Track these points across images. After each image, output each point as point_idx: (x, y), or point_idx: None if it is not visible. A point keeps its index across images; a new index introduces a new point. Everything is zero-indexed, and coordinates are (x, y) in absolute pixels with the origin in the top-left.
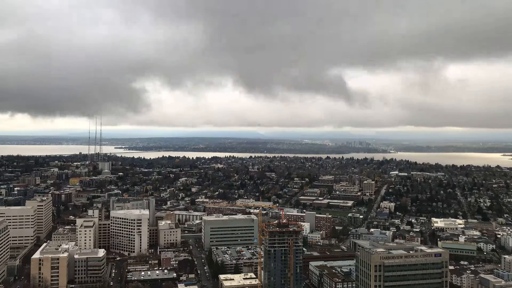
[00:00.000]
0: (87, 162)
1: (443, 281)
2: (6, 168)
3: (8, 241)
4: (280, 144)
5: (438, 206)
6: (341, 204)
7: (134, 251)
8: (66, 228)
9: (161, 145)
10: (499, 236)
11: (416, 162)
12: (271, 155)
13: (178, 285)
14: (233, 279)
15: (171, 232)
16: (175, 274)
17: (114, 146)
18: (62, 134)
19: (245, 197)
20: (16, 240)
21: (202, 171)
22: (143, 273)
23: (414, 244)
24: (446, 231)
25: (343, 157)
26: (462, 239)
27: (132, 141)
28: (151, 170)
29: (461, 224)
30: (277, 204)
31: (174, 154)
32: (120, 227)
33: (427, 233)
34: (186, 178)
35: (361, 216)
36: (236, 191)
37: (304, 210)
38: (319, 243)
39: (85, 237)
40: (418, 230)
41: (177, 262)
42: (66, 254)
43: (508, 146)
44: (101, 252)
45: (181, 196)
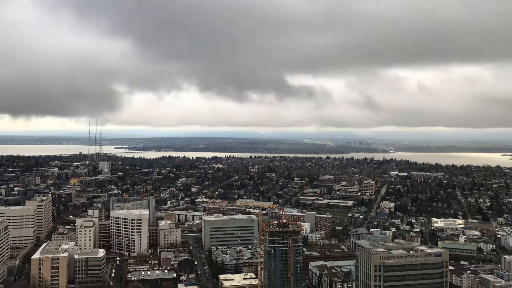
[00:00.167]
0: (87, 162)
1: (443, 281)
2: (6, 168)
3: (8, 241)
4: (280, 144)
5: (438, 206)
6: (341, 204)
7: (134, 251)
8: (66, 228)
9: (161, 145)
10: (499, 236)
11: (416, 162)
12: (271, 155)
13: (178, 285)
14: (233, 279)
15: (171, 232)
16: (175, 274)
17: (114, 146)
18: (62, 134)
19: (245, 197)
20: (16, 240)
21: (202, 171)
22: (143, 273)
23: (414, 244)
24: (446, 231)
25: (343, 157)
26: (462, 239)
27: (132, 141)
28: (151, 170)
29: (461, 224)
30: (277, 204)
31: (174, 154)
32: (120, 227)
33: (427, 233)
34: (186, 178)
35: (361, 216)
36: (236, 191)
37: (304, 210)
38: (319, 243)
39: (85, 237)
40: (418, 230)
41: (177, 262)
42: (66, 254)
43: (508, 146)
44: (101, 252)
45: (181, 196)
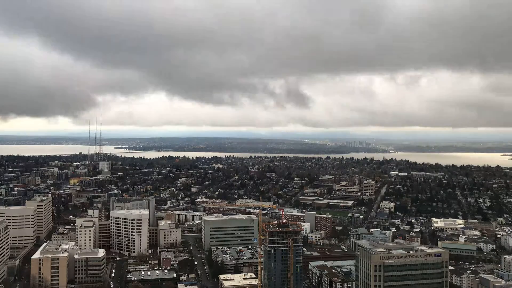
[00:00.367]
0: (87, 162)
1: (443, 281)
2: (6, 168)
3: (8, 241)
4: (280, 144)
5: (438, 206)
6: (341, 204)
7: (134, 251)
8: (66, 228)
9: (161, 145)
10: (499, 236)
11: (416, 162)
12: (271, 155)
13: (178, 285)
14: (233, 279)
15: (171, 232)
16: (175, 274)
17: (114, 146)
18: (62, 134)
19: (245, 197)
20: (16, 240)
21: (202, 171)
22: (143, 273)
23: (414, 244)
24: (446, 231)
25: (343, 157)
26: (462, 239)
27: (132, 141)
28: (151, 170)
29: (461, 224)
30: (277, 204)
31: (174, 154)
32: (120, 227)
33: (427, 233)
34: (186, 178)
35: (361, 216)
36: (236, 191)
37: (304, 210)
38: (319, 243)
39: (85, 237)
40: (418, 230)
41: (177, 262)
42: (66, 254)
43: (508, 146)
44: (101, 252)
45: (181, 196)
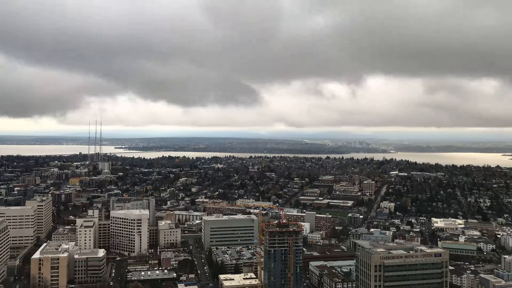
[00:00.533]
0: (87, 162)
1: (443, 281)
2: (6, 168)
3: (8, 241)
4: (280, 144)
5: (438, 206)
6: (341, 204)
7: (134, 251)
8: (66, 228)
9: (161, 145)
10: (499, 236)
11: (416, 162)
12: (271, 155)
13: (178, 285)
14: (233, 279)
15: (171, 232)
16: (175, 274)
17: (114, 146)
18: (62, 134)
19: (245, 197)
20: (16, 240)
21: (202, 171)
22: (143, 273)
23: (414, 244)
24: (446, 231)
25: (343, 157)
26: (462, 239)
27: (132, 141)
28: (151, 170)
29: (461, 224)
30: (277, 204)
31: (174, 154)
32: (120, 227)
33: (427, 233)
34: (186, 178)
35: (361, 216)
36: (236, 191)
37: (304, 210)
38: (319, 243)
39: (85, 237)
40: (418, 230)
41: (177, 262)
42: (66, 254)
43: (508, 146)
44: (101, 252)
45: (181, 196)
